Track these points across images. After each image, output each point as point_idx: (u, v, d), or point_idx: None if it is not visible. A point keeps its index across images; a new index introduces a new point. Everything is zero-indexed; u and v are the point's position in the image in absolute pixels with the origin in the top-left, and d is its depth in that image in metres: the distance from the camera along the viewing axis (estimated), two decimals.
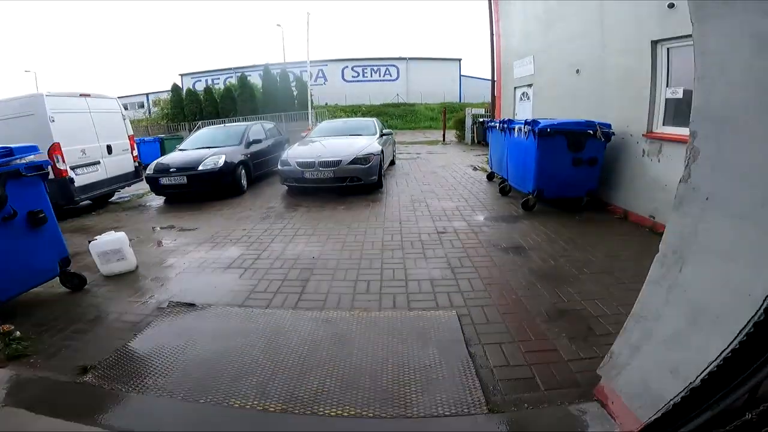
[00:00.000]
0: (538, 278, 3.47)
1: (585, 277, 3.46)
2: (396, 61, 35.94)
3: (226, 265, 4.05)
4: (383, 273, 3.69)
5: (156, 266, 4.15)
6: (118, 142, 7.58)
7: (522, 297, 3.15)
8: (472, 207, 5.78)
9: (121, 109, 7.95)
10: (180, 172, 6.89)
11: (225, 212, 6.20)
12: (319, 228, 5.07)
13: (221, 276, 3.80)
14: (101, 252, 3.86)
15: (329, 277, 3.66)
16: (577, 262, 3.76)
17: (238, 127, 8.75)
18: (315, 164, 6.51)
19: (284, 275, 3.73)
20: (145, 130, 20.71)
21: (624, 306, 2.80)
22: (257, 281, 3.63)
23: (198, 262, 4.16)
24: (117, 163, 7.48)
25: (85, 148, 6.73)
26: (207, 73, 36.07)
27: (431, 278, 3.53)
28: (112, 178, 7.37)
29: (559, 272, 3.58)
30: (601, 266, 3.67)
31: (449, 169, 9.33)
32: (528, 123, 5.14)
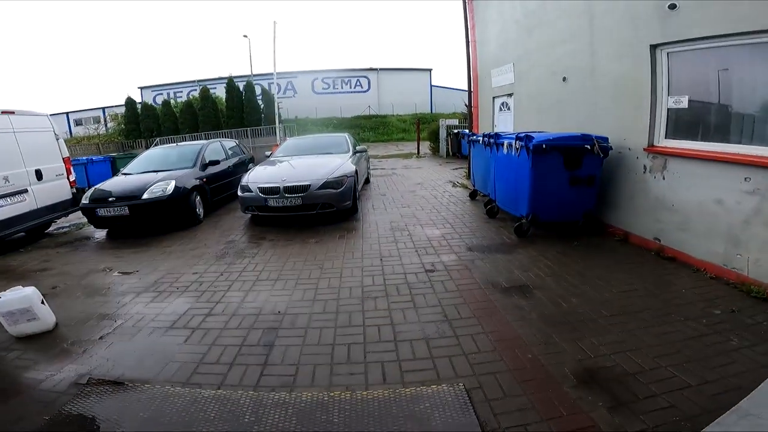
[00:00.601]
0: (552, 327, 2.90)
1: (605, 321, 2.95)
2: (367, 72, 35.64)
3: (168, 323, 3.26)
4: (366, 332, 2.97)
5: (80, 325, 3.35)
6: (51, 165, 6.54)
7: (539, 355, 2.59)
8: (460, 234, 5.14)
9: (54, 127, 6.90)
10: (120, 201, 5.91)
11: (175, 249, 5.29)
12: (287, 269, 4.27)
13: (161, 339, 3.04)
14: (6, 312, 3.10)
15: (299, 339, 2.92)
16: (592, 302, 3.25)
17: (192, 146, 7.77)
18: (279, 190, 5.69)
19: (243, 338, 2.98)
20: (96, 148, 19.09)
21: (662, 358, 2.49)
22: (208, 347, 2.87)
23: (134, 320, 3.36)
24: (49, 190, 6.43)
25: (8, 175, 5.71)
26: (169, 85, 34.51)
27: (426, 336, 2.86)
28: (44, 208, 6.31)
29: (574, 317, 3.03)
30: (619, 306, 3.16)
31: (428, 187, 8.73)
32: (521, 138, 4.57)
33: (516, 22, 7.18)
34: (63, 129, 32.17)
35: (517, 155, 4.70)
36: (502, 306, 3.26)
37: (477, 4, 8.82)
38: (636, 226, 4.60)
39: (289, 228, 5.86)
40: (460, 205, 6.83)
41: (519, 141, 4.60)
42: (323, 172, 5.92)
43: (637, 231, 4.58)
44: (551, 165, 4.45)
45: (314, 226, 5.84)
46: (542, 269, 3.95)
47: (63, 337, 3.15)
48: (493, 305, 3.29)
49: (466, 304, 3.31)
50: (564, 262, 4.09)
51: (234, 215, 6.91)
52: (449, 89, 36.77)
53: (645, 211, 4.48)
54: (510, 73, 7.64)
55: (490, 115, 8.95)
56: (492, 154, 5.57)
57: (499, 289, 3.56)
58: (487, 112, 9.13)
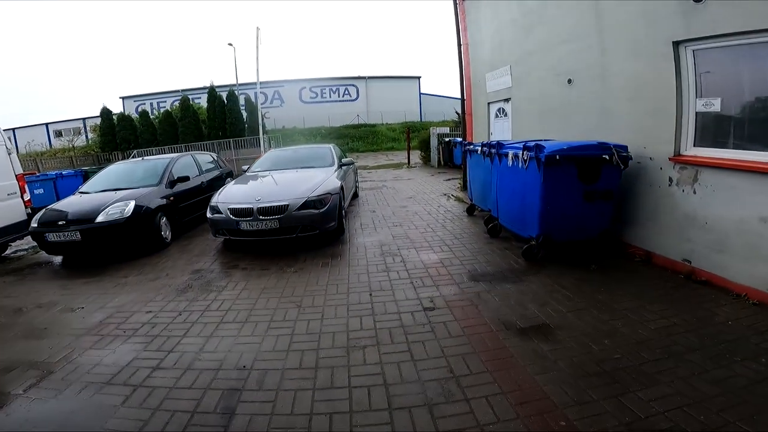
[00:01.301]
0: (586, 380, 2.33)
1: (649, 368, 2.40)
2: (355, 80, 35.35)
3: (106, 377, 2.65)
4: (353, 396, 2.32)
5: (2, 374, 2.78)
6: (1, 184, 5.83)
7: (576, 421, 2.03)
8: (460, 259, 4.50)
9: (5, 141, 6.17)
10: (72, 225, 5.15)
11: (132, 280, 4.56)
12: (258, 308, 3.57)
13: (95, 398, 2.44)
14: None
15: (268, 406, 2.27)
16: (627, 343, 2.69)
17: (159, 161, 6.96)
18: (253, 212, 4.95)
19: (196, 402, 2.34)
20: (69, 162, 18.09)
21: (727, 411, 2.01)
22: (150, 412, 2.27)
23: (66, 371, 2.76)
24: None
25: None
26: (152, 95, 33.68)
27: (429, 401, 2.23)
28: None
29: (611, 364, 2.46)
30: (661, 346, 2.62)
31: (420, 201, 8.10)
32: (529, 148, 3.98)
33: (512, 21, 6.67)
34: (42, 140, 31.03)
35: (524, 167, 4.10)
36: (521, 354, 2.64)
37: (469, 5, 8.32)
38: (660, 246, 4.04)
39: (265, 253, 5.15)
40: (457, 222, 6.21)
41: (527, 151, 4.01)
42: (303, 190, 5.22)
43: (662, 251, 4.02)
44: (565, 178, 3.87)
45: (294, 251, 5.13)
46: (561, 302, 3.34)
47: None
48: (508, 353, 2.66)
49: (475, 354, 2.67)
50: (585, 292, 3.50)
51: (206, 237, 6.17)
52: (439, 97, 36.70)
53: (671, 229, 3.92)
54: (507, 77, 7.11)
55: (485, 122, 8.41)
56: (494, 165, 4.98)
57: (514, 332, 2.93)
58: (481, 119, 8.59)
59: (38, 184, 12.19)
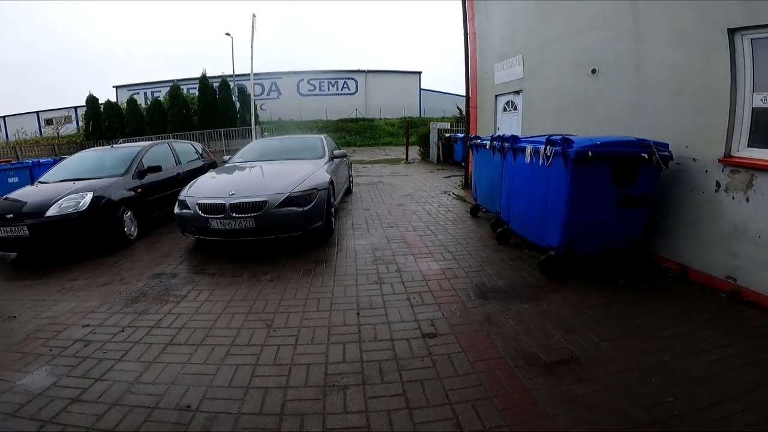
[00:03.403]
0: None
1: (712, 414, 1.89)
2: (354, 74, 34.61)
3: (12, 408, 2.09)
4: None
5: None
6: None
7: None
8: (466, 270, 3.85)
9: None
10: (20, 219, 4.45)
11: (79, 284, 3.88)
12: (219, 326, 2.91)
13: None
14: None
15: None
16: (680, 382, 2.13)
17: (128, 149, 6.22)
18: (225, 208, 4.24)
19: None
20: (51, 150, 17.25)
21: None
22: None
23: None
24: None
25: None
26: (147, 85, 32.64)
27: None
28: None
29: (665, 412, 1.92)
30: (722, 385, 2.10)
31: (419, 199, 7.43)
32: (554, 142, 3.34)
33: (527, 8, 6.03)
34: (33, 129, 30.01)
35: (546, 165, 3.45)
36: (547, 399, 2.03)
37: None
38: (699, 260, 3.45)
39: (239, 255, 4.48)
40: (459, 224, 5.55)
41: (551, 146, 3.36)
42: (285, 184, 4.51)
43: (701, 266, 3.43)
44: (596, 179, 3.23)
45: (274, 254, 4.46)
46: (591, 328, 2.72)
47: None
48: (531, 399, 2.05)
49: (489, 399, 2.05)
50: (617, 314, 2.89)
51: (178, 235, 5.47)
52: (439, 93, 36.12)
53: (714, 242, 3.32)
54: (518, 67, 6.46)
55: (491, 115, 7.77)
56: (506, 162, 4.33)
57: (536, 368, 2.30)
58: (487, 112, 7.95)
59: (13, 173, 11.32)
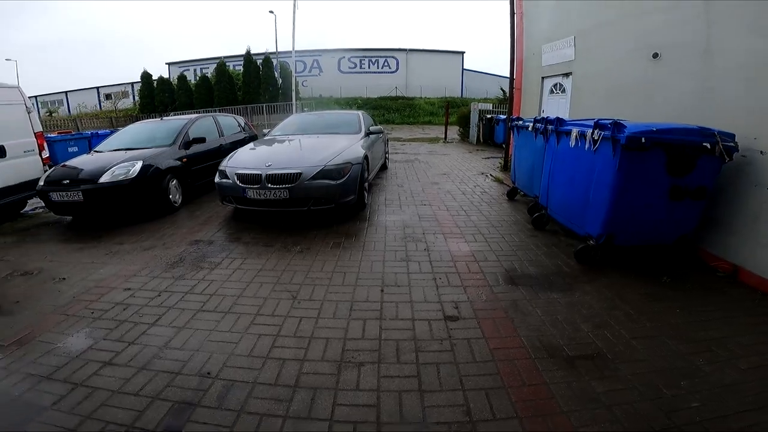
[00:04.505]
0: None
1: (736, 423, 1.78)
2: (396, 52, 34.05)
3: (49, 370, 2.20)
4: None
5: None
6: (17, 141, 5.62)
7: None
8: (497, 253, 3.73)
9: (26, 100, 5.93)
10: (75, 185, 4.79)
11: (125, 248, 4.14)
12: (247, 295, 3.01)
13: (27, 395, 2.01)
14: None
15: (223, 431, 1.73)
16: (711, 388, 1.99)
17: (176, 121, 6.50)
18: (261, 178, 4.37)
19: (138, 414, 1.84)
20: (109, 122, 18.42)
21: None
22: (80, 420, 1.83)
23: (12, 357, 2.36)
24: (14, 168, 5.50)
25: None
26: (196, 62, 33.82)
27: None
28: (7, 188, 5.37)
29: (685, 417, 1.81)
30: (753, 393, 1.95)
31: (455, 179, 7.26)
32: (603, 126, 3.09)
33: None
34: (93, 103, 32.21)
35: (593, 149, 3.21)
36: (564, 395, 1.95)
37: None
38: (755, 261, 3.12)
39: (273, 225, 4.61)
40: (495, 206, 5.37)
41: (599, 130, 3.12)
42: (320, 157, 4.56)
43: (756, 268, 3.10)
44: (648, 167, 2.97)
45: (305, 226, 4.55)
46: (623, 324, 2.55)
47: None
48: (547, 393, 1.97)
49: (503, 390, 1.99)
50: (655, 312, 2.69)
51: (218, 203, 5.71)
52: (482, 73, 34.90)
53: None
54: (568, 49, 6.06)
55: (536, 98, 7.39)
56: (548, 145, 4.09)
57: (558, 361, 2.20)
58: (532, 94, 7.55)
59: (72, 142, 12.30)
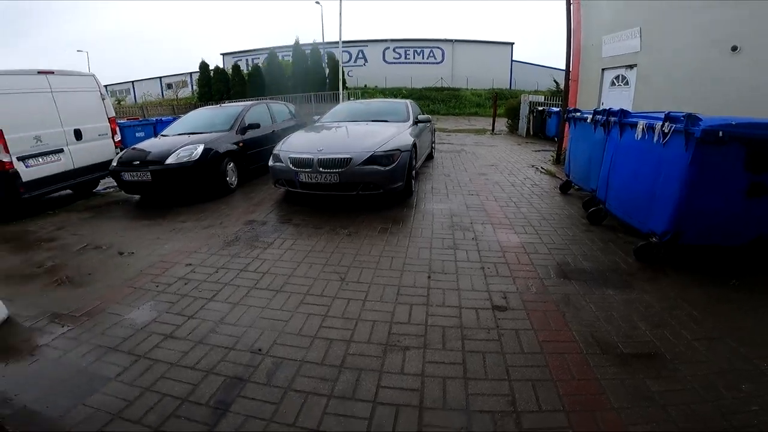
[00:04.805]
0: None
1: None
2: (441, 43, 33.44)
3: (115, 341, 2.37)
4: (374, 417, 1.77)
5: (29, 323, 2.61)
6: (93, 125, 6.16)
7: None
8: (549, 246, 3.61)
9: (100, 87, 6.46)
10: (144, 166, 5.19)
11: (187, 226, 4.44)
12: (297, 275, 3.14)
13: (94, 365, 2.16)
14: None
15: (269, 409, 1.81)
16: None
17: (233, 108, 6.86)
18: (313, 163, 4.52)
19: (192, 387, 1.95)
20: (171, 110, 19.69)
21: None
22: (140, 392, 1.94)
23: (83, 328, 2.52)
24: (90, 150, 6.05)
25: (41, 135, 5.33)
26: (247, 52, 35.10)
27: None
28: (83, 168, 5.93)
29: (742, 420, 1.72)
30: None
31: (503, 170, 7.07)
32: (675, 119, 2.90)
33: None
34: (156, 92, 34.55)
35: (662, 142, 3.01)
36: (616, 392, 1.88)
37: None
38: None
39: (323, 209, 4.76)
40: (546, 199, 5.18)
41: (671, 122, 2.92)
42: (370, 144, 4.64)
43: None
44: (724, 163, 2.75)
45: (353, 210, 4.66)
46: (685, 324, 2.40)
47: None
48: (598, 388, 1.91)
49: (551, 383, 1.94)
50: (720, 314, 2.50)
51: (270, 186, 5.97)
52: (532, 65, 33.55)
53: None
54: (633, 40, 5.73)
55: (595, 90, 7.05)
56: (609, 137, 3.89)
57: (611, 357, 2.11)
58: (590, 86, 7.20)
59: (140, 128, 13.30)
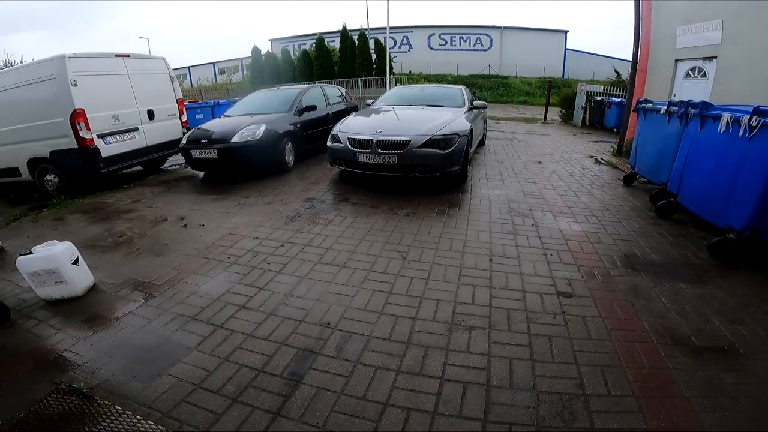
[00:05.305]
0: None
1: None
2: (489, 30, 32.21)
3: (194, 311, 2.54)
4: (442, 393, 1.83)
5: (113, 291, 2.84)
6: (163, 106, 6.62)
7: None
8: (614, 237, 3.51)
9: (170, 70, 6.87)
10: (211, 144, 5.52)
11: (251, 201, 4.71)
12: (360, 252, 3.26)
13: (174, 335, 2.30)
14: (31, 273, 2.70)
15: (340, 381, 1.92)
16: None
17: (291, 91, 7.09)
18: (372, 144, 4.62)
19: (267, 358, 2.09)
20: (226, 93, 20.51)
21: None
22: (219, 362, 2.07)
23: (163, 298, 2.71)
24: (160, 129, 6.52)
25: (119, 114, 5.83)
26: (295, 38, 35.61)
27: (539, 424, 1.66)
28: (155, 146, 6.42)
29: None
30: None
31: (560, 160, 6.84)
32: (765, 113, 2.75)
33: None
34: (210, 76, 35.96)
35: (748, 137, 2.84)
36: (687, 381, 1.86)
37: None
38: None
39: (378, 189, 4.87)
40: (609, 190, 4.98)
41: (759, 116, 2.76)
42: (428, 127, 4.66)
43: None
44: None
45: (409, 192, 4.73)
46: (760, 321, 2.30)
47: (86, 308, 2.63)
48: (669, 377, 1.89)
49: (621, 369, 1.94)
50: None
51: (325, 166, 6.18)
52: (588, 54, 31.68)
53: None
54: (714, 32, 5.47)
55: (666, 81, 6.69)
56: (687, 129, 3.69)
57: (684, 349, 2.07)
58: (660, 77, 6.84)
59: (199, 110, 14.09)
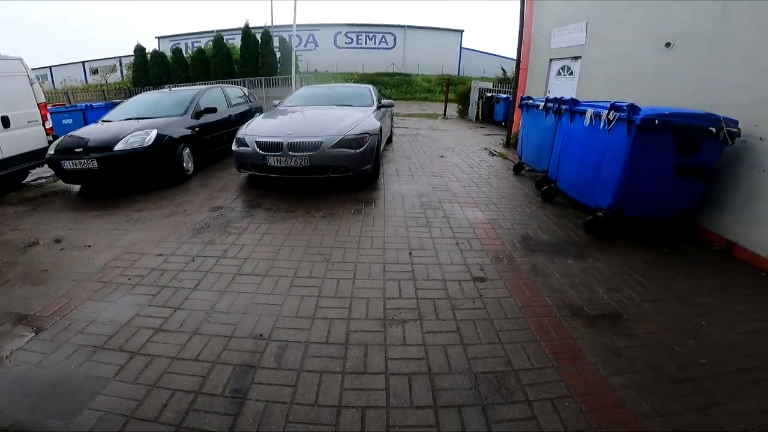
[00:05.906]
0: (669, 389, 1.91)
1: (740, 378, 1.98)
2: (393, 28, 33.41)
3: (101, 339, 2.22)
4: (390, 386, 1.90)
5: None
6: (21, 112, 5.56)
7: None
8: (512, 222, 3.94)
9: (28, 71, 5.80)
10: (88, 153, 4.77)
11: (146, 215, 4.21)
12: (281, 258, 3.16)
13: (83, 367, 2.00)
14: None
15: (287, 392, 1.85)
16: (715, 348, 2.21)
17: (186, 92, 6.49)
18: (283, 146, 4.48)
19: (202, 378, 1.92)
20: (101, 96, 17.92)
21: None
22: (146, 390, 1.85)
23: (57, 328, 2.32)
24: (18, 138, 5.47)
25: None
26: (187, 35, 32.72)
27: (483, 401, 1.83)
28: (12, 158, 5.35)
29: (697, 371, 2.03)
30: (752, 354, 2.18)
31: (460, 153, 7.41)
32: (619, 108, 3.32)
33: None
34: (79, 78, 31.06)
35: (607, 129, 3.42)
36: (591, 348, 2.17)
37: None
38: (747, 238, 3.35)
39: (291, 192, 4.74)
40: (503, 179, 5.55)
41: (615, 111, 3.33)
42: (340, 127, 4.68)
43: (749, 244, 3.33)
44: (658, 147, 3.21)
45: (323, 193, 4.70)
46: (633, 288, 2.79)
47: None
48: (576, 346, 2.19)
49: (537, 343, 2.21)
50: (660, 279, 2.93)
51: (230, 172, 5.79)
52: (480, 53, 34.59)
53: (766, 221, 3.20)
54: (579, 34, 6.25)
55: (542, 78, 7.56)
56: (560, 123, 4.28)
57: (581, 319, 2.42)
58: (538, 75, 7.72)
59: (67, 115, 11.94)
